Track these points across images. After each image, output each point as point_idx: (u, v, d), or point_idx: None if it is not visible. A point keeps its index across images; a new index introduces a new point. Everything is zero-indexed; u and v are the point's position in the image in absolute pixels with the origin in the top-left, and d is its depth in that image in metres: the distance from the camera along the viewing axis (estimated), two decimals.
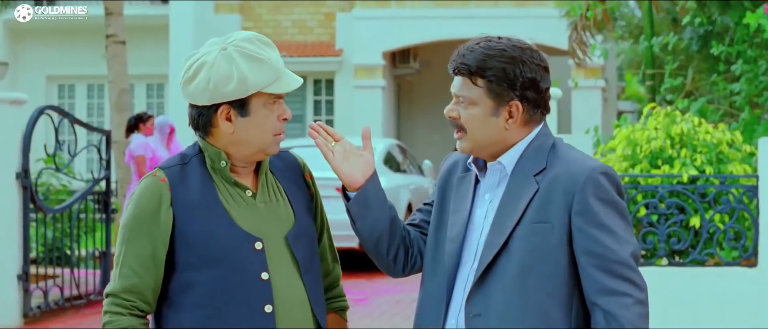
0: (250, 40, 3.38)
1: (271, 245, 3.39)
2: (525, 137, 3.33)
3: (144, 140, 13.82)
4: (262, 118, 3.35)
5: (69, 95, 27.48)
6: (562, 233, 3.23)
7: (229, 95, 3.32)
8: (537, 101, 3.32)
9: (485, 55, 3.28)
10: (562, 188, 3.24)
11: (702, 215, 9.19)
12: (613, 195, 3.25)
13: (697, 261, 9.27)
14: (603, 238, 3.20)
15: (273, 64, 3.35)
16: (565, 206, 3.23)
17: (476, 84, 3.30)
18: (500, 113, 3.29)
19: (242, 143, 3.37)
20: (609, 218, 3.22)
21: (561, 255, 3.23)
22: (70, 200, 12.13)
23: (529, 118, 3.32)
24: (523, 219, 3.25)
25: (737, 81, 12.06)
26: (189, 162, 3.41)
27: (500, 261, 3.25)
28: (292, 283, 3.40)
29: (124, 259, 3.35)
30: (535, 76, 3.30)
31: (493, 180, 3.36)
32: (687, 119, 9.56)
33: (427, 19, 25.27)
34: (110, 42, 16.67)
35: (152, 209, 3.34)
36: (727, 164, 9.42)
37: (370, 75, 25.55)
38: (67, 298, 11.63)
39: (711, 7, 11.99)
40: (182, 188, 3.37)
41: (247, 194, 3.41)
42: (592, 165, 3.27)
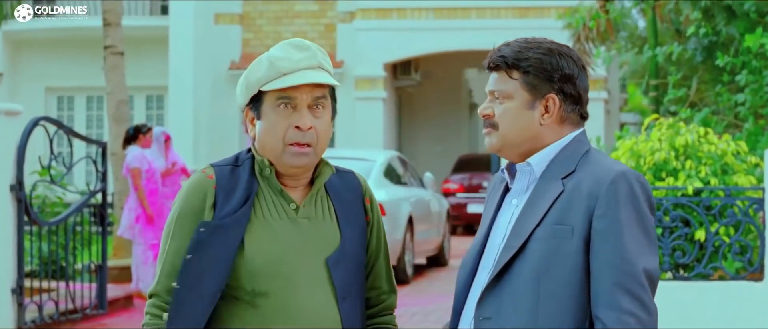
0: (282, 45, 3.31)
1: (307, 264, 3.25)
2: (560, 139, 3.20)
3: (140, 151, 13.67)
4: (271, 122, 3.24)
5: (68, 107, 27.39)
6: (581, 237, 3.06)
7: (242, 97, 3.31)
8: (575, 98, 3.20)
9: (522, 47, 3.19)
10: (587, 191, 3.09)
11: (707, 228, 9.05)
12: (639, 204, 3.07)
13: (702, 274, 9.13)
14: (619, 247, 3.02)
15: (279, 62, 3.23)
16: (587, 210, 3.07)
17: (512, 77, 3.19)
18: (536, 106, 3.17)
19: (262, 148, 3.28)
20: (629, 227, 3.03)
21: (579, 261, 3.06)
22: (65, 213, 11.98)
23: (566, 116, 3.20)
24: (543, 221, 3.11)
25: (741, 92, 11.95)
26: (241, 165, 3.31)
27: (516, 264, 3.11)
28: (326, 308, 3.26)
29: (167, 257, 3.26)
30: (572, 73, 3.19)
31: (522, 184, 3.23)
32: (691, 130, 9.43)
33: (429, 31, 25.21)
34: (108, 53, 16.52)
35: (197, 205, 3.25)
36: (732, 175, 9.30)
37: (371, 87, 25.45)
38: (62, 312, 11.46)
39: (716, 17, 11.87)
40: (228, 189, 3.26)
41: (291, 207, 3.28)
42: (621, 169, 3.11)
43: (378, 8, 25.45)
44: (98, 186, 12.28)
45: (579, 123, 3.24)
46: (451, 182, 24.91)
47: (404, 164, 17.87)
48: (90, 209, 12.61)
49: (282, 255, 3.24)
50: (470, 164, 25.51)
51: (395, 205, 15.37)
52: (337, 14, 26.01)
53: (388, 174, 16.38)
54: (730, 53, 11.77)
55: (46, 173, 11.85)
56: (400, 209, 15.63)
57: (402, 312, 12.95)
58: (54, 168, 12.39)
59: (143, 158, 13.66)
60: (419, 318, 12.54)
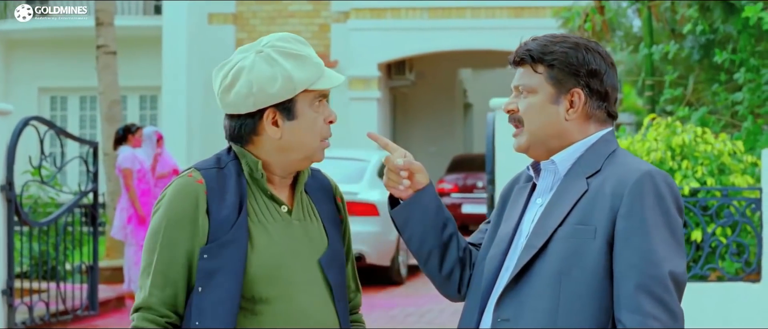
0: (286, 38, 3.20)
1: (304, 267, 3.18)
2: (586, 137, 3.12)
3: (131, 152, 13.57)
4: (310, 120, 3.15)
5: (61, 107, 27.28)
6: (604, 238, 2.97)
7: (276, 97, 3.13)
8: (601, 94, 3.12)
9: (548, 41, 3.13)
10: (611, 190, 2.99)
11: (704, 229, 8.98)
12: (666, 204, 2.97)
13: (699, 276, 9.06)
14: (644, 248, 2.92)
15: (314, 60, 3.16)
16: (611, 209, 2.97)
17: (537, 71, 3.12)
18: (561, 100, 3.10)
19: (290, 149, 3.17)
20: (656, 228, 2.93)
21: (601, 262, 2.96)
22: (56, 213, 11.89)
23: (592, 112, 3.12)
24: (566, 220, 3.02)
25: (739, 91, 11.89)
26: (225, 167, 3.19)
27: (537, 264, 3.02)
28: (324, 309, 3.20)
29: (157, 267, 3.11)
30: (599, 68, 3.10)
31: (547, 183, 3.15)
32: (688, 129, 9.36)
33: (423, 31, 25.12)
34: (101, 53, 16.41)
35: (189, 212, 3.11)
36: (729, 175, 9.24)
37: (366, 87, 25.36)
38: (52, 314, 11.38)
39: (714, 12, 11.79)
40: (218, 193, 3.14)
41: (283, 209, 3.20)
42: (646, 168, 3.01)
43: (372, 8, 25.35)
44: (89, 187, 12.19)
45: (606, 121, 3.17)
46: (446, 182, 24.84)
47: None
48: (82, 210, 12.53)
49: (280, 259, 3.16)
50: (465, 165, 25.44)
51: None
52: (331, 14, 25.92)
53: (382, 174, 16.27)
54: (728, 51, 11.69)
55: (37, 173, 11.76)
56: None
57: (397, 312, 12.89)
58: (46, 168, 12.30)
59: (135, 158, 13.56)
60: (414, 319, 12.47)
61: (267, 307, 3.12)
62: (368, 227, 14.71)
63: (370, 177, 15.56)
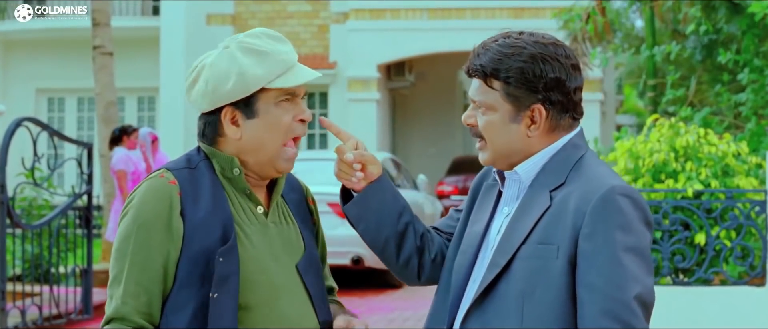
0: (256, 34, 3.02)
1: (282, 271, 3.01)
2: (550, 145, 2.94)
3: (125, 153, 13.45)
4: (273, 118, 2.98)
5: (59, 109, 27.18)
6: (566, 258, 2.81)
7: (230, 95, 2.96)
8: (564, 104, 2.93)
9: (501, 54, 2.91)
10: (574, 206, 2.83)
11: (707, 232, 8.83)
12: (631, 222, 2.80)
13: (703, 279, 8.91)
14: (608, 270, 2.75)
15: (279, 56, 2.97)
16: (573, 228, 2.81)
17: (492, 87, 2.92)
18: (520, 118, 2.92)
19: (253, 150, 2.99)
20: (619, 248, 2.77)
21: (564, 283, 2.81)
22: (49, 216, 11.73)
23: (556, 124, 2.93)
24: (528, 239, 2.86)
25: (742, 92, 11.77)
26: (196, 167, 3.01)
27: (501, 284, 2.87)
28: (305, 316, 3.04)
29: (130, 274, 2.92)
30: (559, 76, 2.90)
31: (512, 192, 3.00)
32: (691, 130, 9.22)
33: (423, 32, 25.00)
34: (97, 53, 16.28)
35: (163, 214, 2.92)
36: (733, 177, 9.10)
37: (365, 88, 25.24)
38: (46, 318, 11.21)
39: (718, 12, 11.66)
40: (192, 194, 2.96)
41: (259, 210, 3.03)
42: (611, 183, 2.84)
43: (371, 9, 25.23)
44: (83, 189, 12.04)
45: (572, 126, 2.98)
46: (445, 184, 24.73)
47: (397, 166, 17.68)
48: (77, 212, 12.38)
49: (262, 264, 2.99)
50: (464, 166, 25.33)
51: None
52: (330, 15, 25.81)
53: None
54: (732, 51, 11.56)
55: (31, 175, 11.61)
56: None
57: (395, 316, 12.76)
58: (39, 170, 12.15)
59: (129, 159, 13.43)
60: (412, 322, 12.34)
61: (248, 314, 2.95)
62: None
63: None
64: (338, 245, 12.78)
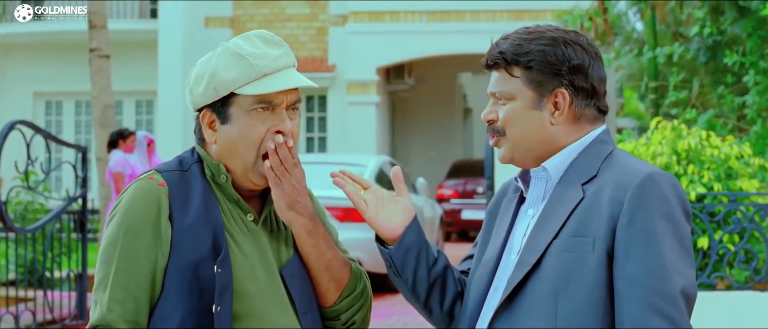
0: (249, 36, 2.89)
1: (270, 281, 2.87)
2: (577, 139, 2.79)
3: (123, 156, 13.34)
4: (244, 127, 2.83)
5: (57, 112, 27.04)
6: (604, 250, 2.64)
7: (203, 97, 2.84)
8: (588, 91, 2.79)
9: (521, 39, 2.79)
10: (609, 195, 2.67)
11: (711, 236, 8.70)
12: (672, 209, 2.64)
13: (706, 284, 8.78)
14: (650, 261, 2.58)
15: (255, 61, 2.82)
16: (610, 218, 2.64)
17: (513, 74, 2.79)
18: (544, 104, 2.78)
19: (227, 157, 2.86)
20: (662, 237, 2.60)
21: (602, 278, 2.63)
22: (43, 220, 11.61)
23: (580, 113, 2.79)
24: (561, 232, 2.69)
25: (746, 94, 11.67)
26: (188, 170, 2.88)
27: (531, 282, 2.70)
28: (290, 323, 2.89)
29: (116, 279, 2.79)
30: (582, 62, 2.77)
31: (538, 193, 2.82)
32: (694, 133, 9.10)
33: (422, 34, 24.87)
34: (94, 56, 16.10)
35: (150, 217, 2.80)
36: (737, 180, 8.97)
37: (364, 91, 25.10)
38: (39, 323, 11.08)
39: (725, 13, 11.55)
40: (182, 198, 2.83)
41: (249, 218, 2.90)
42: (648, 170, 2.68)
43: (370, 11, 25.10)
44: (78, 192, 11.92)
45: (598, 119, 2.83)
46: (445, 187, 24.63)
47: None
48: (72, 216, 12.25)
49: (251, 273, 2.86)
50: (464, 170, 25.23)
51: None
52: (329, 17, 25.67)
53: (380, 180, 16.06)
54: (738, 53, 11.46)
55: (26, 178, 11.50)
56: None
57: (394, 320, 12.66)
58: (34, 174, 12.04)
59: (126, 162, 13.31)
60: (412, 326, 12.25)
61: (236, 324, 2.82)
62: (365, 233, 14.36)
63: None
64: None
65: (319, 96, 25.89)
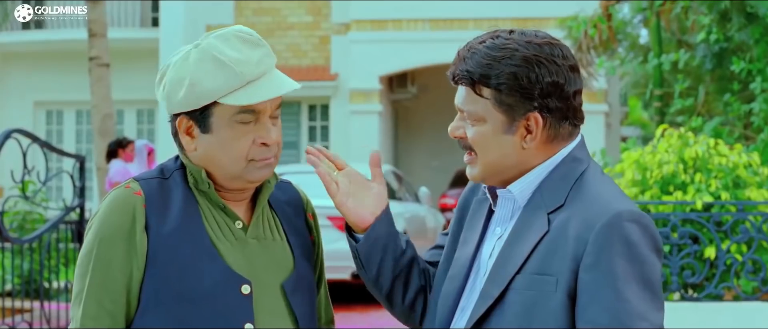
0: (226, 37, 2.69)
1: (262, 292, 2.70)
2: (548, 159, 2.62)
3: (123, 166, 13.22)
4: (227, 138, 2.66)
5: (57, 121, 26.92)
6: (566, 291, 2.50)
7: (182, 104, 2.67)
8: (563, 111, 2.61)
9: (490, 57, 2.60)
10: (574, 233, 2.51)
11: (718, 246, 8.56)
12: (638, 250, 2.48)
13: (713, 295, 8.64)
14: (613, 305, 2.44)
15: (238, 68, 2.64)
16: (573, 258, 2.50)
17: (482, 95, 2.62)
18: (515, 129, 2.60)
19: (210, 165, 2.69)
20: (626, 281, 2.45)
21: (564, 319, 2.50)
22: (39, 230, 11.46)
23: (555, 133, 2.62)
24: (523, 268, 2.55)
25: (752, 101, 11.54)
26: (170, 177, 2.73)
27: (494, 316, 2.56)
28: None
29: (90, 293, 2.64)
30: (557, 80, 2.59)
31: (506, 212, 2.69)
32: (701, 141, 8.96)
33: (425, 43, 24.73)
34: (93, 65, 16.02)
35: (125, 228, 2.65)
36: (745, 189, 8.84)
37: (367, 100, 24.95)
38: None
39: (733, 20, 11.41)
40: (160, 207, 2.68)
41: (237, 225, 2.73)
42: (617, 208, 2.51)
43: (373, 19, 24.95)
44: (76, 202, 11.78)
45: (572, 135, 2.66)
46: (448, 196, 24.49)
47: (399, 179, 17.46)
48: (70, 226, 12.11)
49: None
50: (467, 179, 25.00)
51: None
52: (331, 26, 25.54)
53: None
54: (745, 60, 11.33)
55: (25, 188, 11.36)
56: None
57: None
58: (33, 183, 11.91)
59: (126, 171, 13.20)
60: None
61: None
62: None
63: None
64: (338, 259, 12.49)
65: (321, 105, 25.76)
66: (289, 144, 24.86)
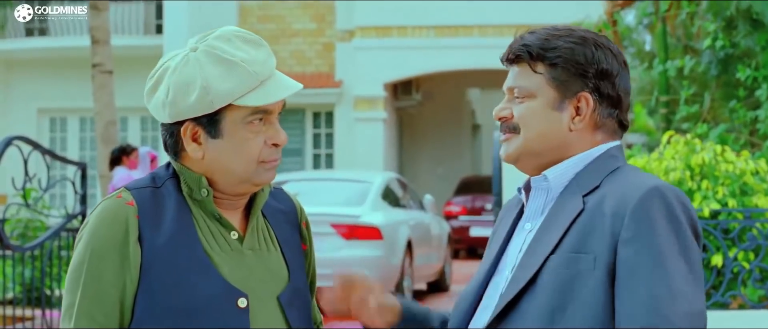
0: (227, 37, 2.60)
1: (259, 304, 2.61)
2: (590, 148, 2.57)
3: (127, 173, 13.15)
4: (240, 141, 2.58)
5: (61, 129, 26.87)
6: (605, 269, 2.40)
7: (192, 110, 2.57)
8: (613, 100, 2.57)
9: (550, 35, 2.58)
10: (611, 209, 2.43)
11: (725, 254, 8.47)
12: (679, 226, 2.40)
13: (720, 303, 8.55)
14: (654, 283, 2.34)
15: (251, 68, 2.56)
16: (611, 234, 2.41)
17: (536, 70, 2.57)
18: (565, 106, 2.56)
19: (216, 171, 2.60)
20: (669, 257, 2.36)
21: (602, 298, 2.40)
22: (41, 238, 11.41)
23: (601, 122, 2.58)
24: (559, 247, 2.46)
25: (758, 108, 11.46)
26: (162, 186, 2.64)
27: (525, 300, 2.47)
28: None
29: (81, 307, 2.55)
30: (611, 69, 2.56)
31: (537, 205, 2.60)
32: (708, 148, 8.87)
33: (430, 50, 24.67)
34: (96, 72, 15.98)
35: (117, 239, 2.55)
36: (752, 196, 8.75)
37: (371, 107, 24.88)
38: None
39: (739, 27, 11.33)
40: (153, 217, 2.59)
41: (233, 236, 2.64)
42: (654, 183, 2.44)
43: (378, 26, 24.89)
44: (78, 209, 11.71)
45: (615, 133, 2.61)
46: (453, 204, 24.44)
47: (403, 187, 17.39)
48: (71, 234, 12.05)
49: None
50: (473, 186, 25.04)
51: (393, 228, 14.82)
52: (335, 33, 25.48)
53: (387, 196, 15.86)
54: (751, 67, 11.25)
55: (28, 195, 11.30)
56: (398, 233, 15.09)
57: None
58: (35, 191, 11.85)
59: (130, 179, 13.10)
60: None
61: None
62: (371, 251, 14.18)
63: (373, 200, 15.09)
64: (342, 266, 12.45)
65: (325, 112, 25.70)
66: (293, 151, 24.81)
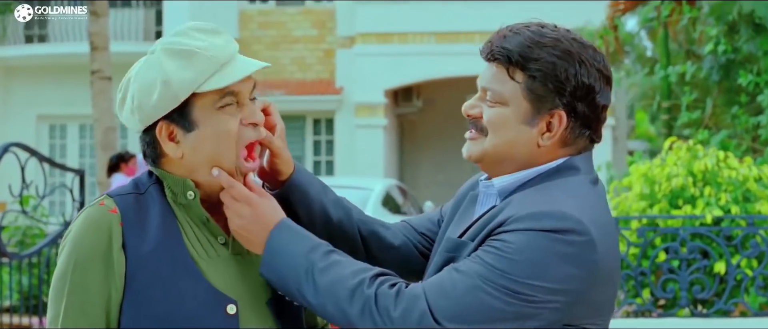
0: (183, 31, 2.54)
1: (248, 311, 2.54)
2: (546, 163, 2.49)
3: (125, 180, 13.07)
4: (216, 126, 2.51)
5: (61, 135, 26.79)
6: None
7: (158, 108, 2.50)
8: (587, 120, 2.49)
9: (533, 42, 2.47)
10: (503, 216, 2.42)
11: (728, 260, 8.40)
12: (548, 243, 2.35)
13: (723, 311, 8.48)
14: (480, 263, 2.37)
15: (209, 53, 2.49)
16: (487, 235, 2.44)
17: (513, 77, 2.47)
18: (536, 122, 2.48)
19: (201, 165, 2.53)
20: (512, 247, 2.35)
21: None
22: (39, 245, 11.33)
23: (572, 140, 2.50)
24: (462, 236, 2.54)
25: (760, 114, 11.40)
26: (145, 192, 2.57)
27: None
28: None
29: (66, 318, 2.49)
30: (592, 84, 2.47)
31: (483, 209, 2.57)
32: (710, 154, 8.80)
33: (431, 56, 24.61)
34: (95, 78, 15.91)
35: (101, 248, 2.49)
36: (755, 203, 8.69)
37: (372, 114, 24.82)
38: None
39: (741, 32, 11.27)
40: (137, 224, 2.52)
41: (220, 241, 2.57)
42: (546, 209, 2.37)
43: (378, 33, 24.83)
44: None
45: (585, 149, 2.53)
46: None
47: (404, 193, 17.32)
48: None
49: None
50: None
51: None
52: (336, 39, 25.43)
53: (387, 203, 15.81)
54: (753, 72, 11.20)
55: (26, 202, 11.24)
56: None
57: None
58: (33, 198, 11.79)
59: None
60: None
61: None
62: None
63: (373, 206, 15.06)
64: None
65: (326, 119, 25.64)
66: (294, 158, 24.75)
